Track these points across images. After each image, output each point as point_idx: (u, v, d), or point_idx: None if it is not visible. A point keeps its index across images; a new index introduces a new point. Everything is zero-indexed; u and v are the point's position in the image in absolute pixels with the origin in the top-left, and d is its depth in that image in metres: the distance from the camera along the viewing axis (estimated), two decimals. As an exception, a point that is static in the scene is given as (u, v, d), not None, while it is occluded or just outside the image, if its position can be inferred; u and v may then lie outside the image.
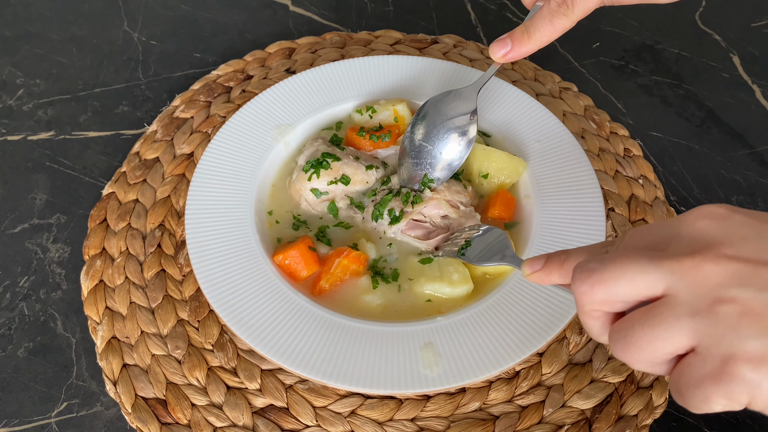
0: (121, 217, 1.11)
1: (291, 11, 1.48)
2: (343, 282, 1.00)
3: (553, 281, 0.71)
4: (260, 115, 1.15)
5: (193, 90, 1.29)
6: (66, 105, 1.30)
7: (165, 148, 1.19)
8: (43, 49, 1.40)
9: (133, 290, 1.03)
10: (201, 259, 0.97)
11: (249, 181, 1.07)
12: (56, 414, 0.95)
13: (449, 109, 1.05)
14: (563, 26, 0.89)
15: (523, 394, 0.95)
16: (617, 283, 0.59)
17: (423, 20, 1.47)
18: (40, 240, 1.12)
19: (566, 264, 0.68)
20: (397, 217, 1.02)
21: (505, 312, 0.94)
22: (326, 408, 0.94)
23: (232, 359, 0.97)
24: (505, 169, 1.08)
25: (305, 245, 1.00)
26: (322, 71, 1.21)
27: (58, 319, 1.04)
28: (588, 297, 0.60)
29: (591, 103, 1.29)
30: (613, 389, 0.95)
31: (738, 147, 1.27)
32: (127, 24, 1.45)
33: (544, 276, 0.71)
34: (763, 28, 1.47)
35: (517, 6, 1.50)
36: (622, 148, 1.22)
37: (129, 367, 0.97)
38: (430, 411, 0.93)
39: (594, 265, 0.60)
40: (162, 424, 0.92)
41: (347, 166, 1.06)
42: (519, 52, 0.93)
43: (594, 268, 0.60)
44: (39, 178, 1.20)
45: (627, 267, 0.58)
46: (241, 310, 0.93)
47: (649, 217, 1.12)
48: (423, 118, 1.06)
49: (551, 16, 0.89)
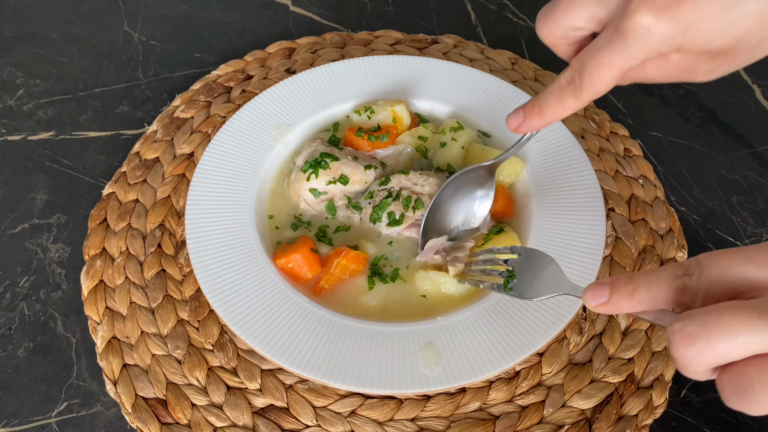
0: (121, 217, 1.11)
1: (291, 11, 1.48)
2: (342, 282, 1.00)
3: (623, 311, 0.68)
4: (260, 115, 1.15)
5: (193, 90, 1.29)
6: (66, 105, 1.30)
7: (165, 148, 1.19)
8: (43, 49, 1.40)
9: (134, 290, 1.03)
10: (201, 259, 0.97)
11: (249, 181, 1.07)
12: (56, 414, 0.95)
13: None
14: (573, 106, 0.78)
15: (524, 394, 0.95)
16: (729, 347, 0.56)
17: (423, 20, 1.47)
18: (40, 240, 1.12)
19: (636, 294, 0.66)
20: (397, 220, 1.02)
21: (505, 312, 0.94)
22: (326, 408, 0.94)
23: (233, 359, 0.97)
24: (503, 169, 1.08)
25: (307, 248, 1.00)
26: (321, 71, 1.21)
27: (58, 319, 1.04)
28: (695, 361, 0.58)
29: (591, 103, 1.29)
30: (613, 389, 0.95)
31: (738, 147, 1.27)
32: (127, 24, 1.45)
33: (613, 308, 0.68)
34: (763, 28, 1.47)
35: (518, 6, 1.50)
36: (622, 147, 1.22)
37: (129, 367, 0.97)
38: (431, 411, 0.93)
39: (695, 329, 0.57)
40: (162, 424, 0.92)
41: (346, 166, 1.06)
42: (531, 125, 0.84)
43: (698, 333, 0.57)
44: (39, 178, 1.20)
45: (737, 329, 0.56)
46: (241, 310, 0.93)
47: (649, 217, 1.12)
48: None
49: (560, 93, 0.79)
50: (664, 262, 1.07)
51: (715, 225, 1.16)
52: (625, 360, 0.98)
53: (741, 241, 1.14)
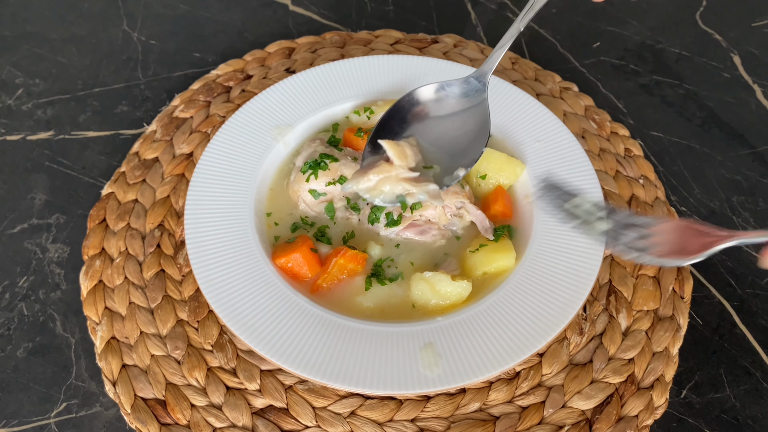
0: (120, 217, 1.11)
1: (291, 11, 1.48)
2: (341, 281, 0.99)
3: None
4: (260, 114, 1.15)
5: (193, 90, 1.29)
6: (65, 105, 1.30)
7: (164, 148, 1.19)
8: (43, 49, 1.39)
9: (133, 290, 1.03)
10: (200, 259, 0.97)
11: (248, 180, 1.07)
12: (55, 414, 0.95)
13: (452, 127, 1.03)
14: None
15: (524, 394, 0.95)
16: None
17: (423, 20, 1.47)
18: (39, 240, 1.12)
19: None
20: (395, 221, 1.02)
21: (505, 312, 0.94)
22: (326, 409, 0.93)
23: (232, 360, 0.97)
24: (503, 171, 1.08)
25: (307, 247, 1.00)
26: (321, 71, 1.21)
27: (57, 320, 1.04)
28: None
29: (591, 103, 1.28)
30: (614, 390, 0.95)
31: (738, 147, 1.26)
32: (127, 24, 1.45)
33: None
34: (763, 28, 1.47)
35: (518, 6, 1.50)
36: (623, 148, 1.22)
37: (128, 367, 0.97)
38: (430, 411, 0.93)
39: None
40: (161, 425, 0.92)
41: (345, 166, 1.06)
42: None
43: None
44: (38, 178, 1.19)
45: None
46: (241, 310, 0.93)
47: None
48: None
49: None
50: (664, 262, 1.07)
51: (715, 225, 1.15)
52: (626, 360, 0.98)
53: (741, 241, 1.14)
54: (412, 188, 0.97)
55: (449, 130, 1.05)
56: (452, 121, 1.05)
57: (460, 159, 1.02)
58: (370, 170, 0.99)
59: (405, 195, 0.98)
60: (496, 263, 0.99)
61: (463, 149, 1.03)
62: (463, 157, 1.02)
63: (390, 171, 0.98)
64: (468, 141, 1.03)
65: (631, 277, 1.05)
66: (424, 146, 1.03)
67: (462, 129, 1.04)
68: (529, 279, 0.97)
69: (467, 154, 1.02)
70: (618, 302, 1.02)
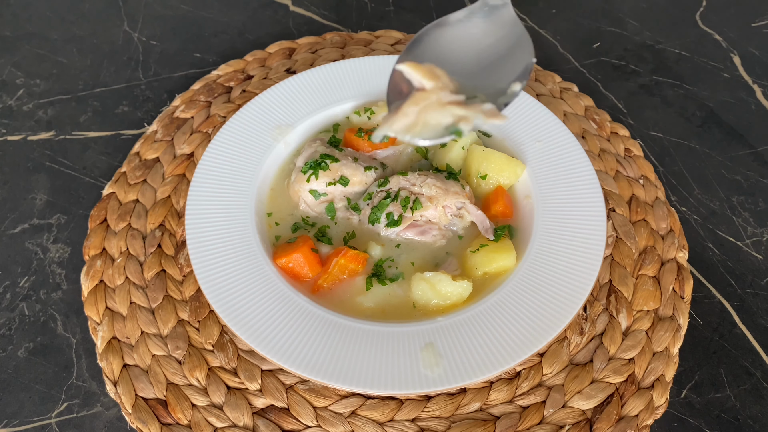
0: (121, 217, 1.11)
1: (291, 11, 1.48)
2: (341, 281, 0.99)
3: None
4: (260, 115, 1.15)
5: (194, 90, 1.29)
6: (66, 105, 1.30)
7: (165, 148, 1.19)
8: (43, 49, 1.40)
9: (134, 290, 1.03)
10: (201, 259, 0.97)
11: (249, 181, 1.07)
12: (56, 414, 0.95)
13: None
14: None
15: (524, 394, 0.95)
16: None
17: (423, 20, 1.47)
18: (40, 240, 1.12)
19: None
20: (396, 221, 1.02)
21: (506, 312, 0.94)
22: (327, 408, 0.94)
23: (233, 360, 0.97)
24: (504, 171, 1.08)
25: (308, 247, 1.00)
26: (321, 71, 1.21)
27: (58, 320, 1.04)
28: None
29: (591, 103, 1.28)
30: (614, 390, 0.95)
31: (738, 147, 1.27)
32: (127, 24, 1.45)
33: None
34: (763, 28, 1.47)
35: (517, 6, 1.50)
36: (623, 148, 1.22)
37: (129, 367, 0.97)
38: (431, 411, 0.93)
39: None
40: (162, 425, 0.92)
41: (346, 167, 1.06)
42: None
43: None
44: (39, 178, 1.20)
45: None
46: (242, 310, 0.93)
47: (650, 218, 1.12)
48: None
49: None
50: (665, 262, 1.07)
51: (715, 225, 1.16)
52: (626, 360, 0.98)
53: (741, 241, 1.14)
54: (463, 112, 0.76)
55: (480, 54, 0.87)
56: (480, 44, 0.87)
57: (507, 76, 0.83)
58: (404, 104, 0.77)
59: (457, 123, 0.76)
60: (496, 263, 0.99)
61: (506, 66, 0.85)
62: (510, 73, 0.84)
63: (429, 97, 0.77)
64: (507, 56, 0.85)
65: (632, 277, 1.05)
66: (458, 80, 0.84)
67: (496, 47, 0.86)
68: (529, 279, 0.97)
69: (514, 68, 0.84)
70: (618, 302, 1.03)
